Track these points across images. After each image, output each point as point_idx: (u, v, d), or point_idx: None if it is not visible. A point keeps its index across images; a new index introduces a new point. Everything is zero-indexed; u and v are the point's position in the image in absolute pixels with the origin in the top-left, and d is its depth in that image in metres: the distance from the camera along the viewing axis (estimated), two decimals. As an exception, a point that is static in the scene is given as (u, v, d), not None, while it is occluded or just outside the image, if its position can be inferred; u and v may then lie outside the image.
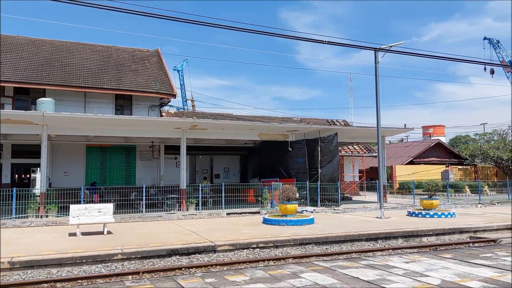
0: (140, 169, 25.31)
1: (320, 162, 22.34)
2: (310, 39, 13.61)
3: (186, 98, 47.21)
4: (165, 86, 24.78)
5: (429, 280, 7.01)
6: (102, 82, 23.52)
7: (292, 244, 11.38)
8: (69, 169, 23.54)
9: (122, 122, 19.29)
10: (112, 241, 11.00)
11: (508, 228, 14.29)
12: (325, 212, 19.71)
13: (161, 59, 27.89)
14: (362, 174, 34.25)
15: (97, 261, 9.33)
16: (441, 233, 13.23)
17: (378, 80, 17.83)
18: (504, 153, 36.83)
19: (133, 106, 24.71)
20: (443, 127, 63.12)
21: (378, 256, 9.62)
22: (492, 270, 7.63)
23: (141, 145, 25.06)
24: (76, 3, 10.91)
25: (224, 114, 30.45)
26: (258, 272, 7.78)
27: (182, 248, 10.23)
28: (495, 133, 40.88)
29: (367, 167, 37.69)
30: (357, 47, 15.26)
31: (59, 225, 15.18)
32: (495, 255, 9.16)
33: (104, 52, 26.99)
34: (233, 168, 29.93)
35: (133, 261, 9.57)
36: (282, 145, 24.01)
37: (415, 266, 8.07)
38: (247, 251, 10.77)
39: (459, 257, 8.92)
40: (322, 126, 24.23)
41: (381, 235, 12.48)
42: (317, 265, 8.36)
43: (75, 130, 19.09)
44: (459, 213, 18.01)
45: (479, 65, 31.15)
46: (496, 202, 25.32)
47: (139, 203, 19.29)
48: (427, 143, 46.60)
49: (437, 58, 15.99)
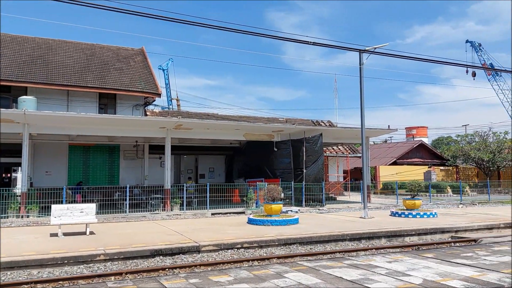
0: (124, 168, 25.03)
1: (305, 163, 22.44)
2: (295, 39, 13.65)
3: (171, 97, 46.98)
4: (150, 85, 24.58)
5: (411, 279, 7.10)
6: (85, 80, 23.20)
7: (276, 244, 11.40)
8: (51, 168, 23.16)
9: (105, 121, 19.07)
10: (95, 242, 10.86)
11: (488, 228, 14.57)
12: (310, 212, 19.80)
13: (146, 57, 27.64)
14: (347, 175, 34.53)
15: (79, 262, 9.20)
16: (423, 233, 13.42)
17: (363, 81, 17.98)
18: (485, 154, 37.54)
19: (117, 105, 24.44)
20: (426, 128, 64.03)
21: (361, 256, 9.71)
22: (473, 270, 7.76)
23: (125, 144, 24.80)
24: (60, 1, 10.73)
25: (209, 113, 30.34)
26: (243, 272, 7.76)
27: (166, 248, 10.15)
28: (476, 135, 41.63)
29: (351, 168, 38.01)
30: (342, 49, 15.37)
31: (40, 225, 14.93)
32: (476, 254, 9.32)
33: (88, 50, 26.63)
34: (218, 168, 29.84)
35: (116, 261, 9.46)
36: (268, 145, 24.04)
37: (398, 266, 8.16)
38: (232, 251, 10.74)
39: (440, 257, 9.05)
40: (307, 127, 24.34)
41: (364, 235, 12.59)
42: (301, 265, 8.39)
43: (57, 129, 18.80)
44: (441, 213, 18.29)
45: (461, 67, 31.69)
46: (477, 202, 25.78)
47: (123, 203, 19.09)
48: (410, 144, 47.23)
49: (421, 60, 16.25)
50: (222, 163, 29.92)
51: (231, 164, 28.92)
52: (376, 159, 44.46)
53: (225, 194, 21.00)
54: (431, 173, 38.16)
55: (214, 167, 29.78)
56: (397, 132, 49.11)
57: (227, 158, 29.55)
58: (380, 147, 52.81)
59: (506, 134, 39.96)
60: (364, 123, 18.30)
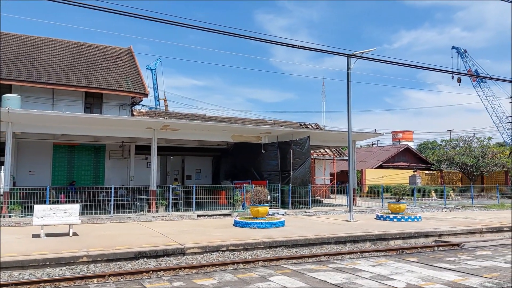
0: (109, 169, 24.77)
1: (292, 165, 22.49)
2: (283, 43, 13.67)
3: (158, 97, 46.66)
4: (137, 85, 24.39)
5: (395, 283, 7.15)
6: (71, 79, 22.92)
7: (262, 247, 11.38)
8: (34, 168, 22.80)
9: (91, 121, 18.85)
10: (78, 243, 10.71)
11: (471, 233, 14.77)
12: (296, 214, 19.83)
13: (133, 57, 27.43)
14: (333, 177, 34.71)
15: (61, 263, 9.05)
16: (408, 237, 13.54)
17: (350, 85, 18.11)
18: (469, 159, 38.10)
19: (104, 105, 24.20)
20: (411, 132, 64.81)
21: (346, 259, 9.75)
22: (455, 274, 7.84)
23: (110, 144, 24.55)
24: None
25: (197, 114, 30.23)
26: (227, 275, 7.73)
27: (150, 250, 10.06)
28: (460, 140, 42.24)
29: (338, 171, 38.23)
30: (330, 53, 15.45)
31: (22, 226, 14.68)
32: (458, 259, 9.43)
33: (74, 49, 26.32)
34: (205, 170, 29.73)
35: (99, 263, 9.34)
36: (255, 147, 24.03)
37: (382, 270, 8.21)
38: (217, 254, 10.69)
39: (424, 261, 9.13)
40: (295, 129, 24.41)
41: (349, 238, 12.65)
42: (286, 268, 8.39)
43: (41, 128, 18.53)
44: (425, 217, 18.48)
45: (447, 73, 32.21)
46: (461, 206, 26.14)
47: (108, 204, 18.87)
48: (396, 148, 47.69)
49: (407, 66, 16.42)
50: (209, 165, 29.82)
51: (218, 166, 28.83)
52: (363, 163, 44.79)
53: (211, 196, 20.93)
54: (416, 177, 38.57)
55: (201, 169, 29.66)
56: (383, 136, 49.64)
57: (214, 159, 29.46)
58: (367, 150, 53.25)
59: (490, 140, 40.66)
60: (350, 126, 18.42)
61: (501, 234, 15.33)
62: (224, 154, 28.02)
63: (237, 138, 23.02)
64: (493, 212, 22.87)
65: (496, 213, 22.12)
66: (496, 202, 29.31)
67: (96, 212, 17.92)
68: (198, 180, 28.56)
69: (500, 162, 38.92)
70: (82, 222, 13.61)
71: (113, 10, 10.43)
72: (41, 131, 18.86)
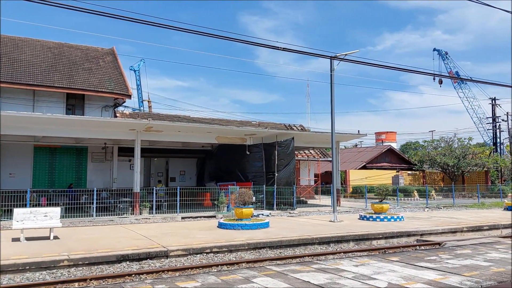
0: (91, 171, 24.44)
1: (277, 166, 22.53)
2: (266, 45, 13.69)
3: (142, 99, 46.28)
4: (120, 86, 24.13)
5: (376, 283, 7.22)
6: (52, 80, 22.55)
7: (246, 248, 11.37)
8: (15, 170, 22.34)
9: (72, 122, 18.57)
10: (59, 247, 10.54)
11: (452, 232, 15.03)
12: (281, 215, 19.88)
13: (116, 58, 27.13)
14: (317, 178, 34.90)
15: (42, 268, 8.90)
16: (390, 236, 13.70)
17: (333, 87, 18.26)
18: (450, 160, 38.75)
19: (86, 106, 23.87)
20: (394, 133, 65.63)
21: (329, 260, 9.81)
22: (436, 273, 7.96)
23: (93, 146, 24.22)
24: (29, 0, 10.38)
25: (181, 116, 30.07)
26: (211, 277, 7.70)
27: (132, 253, 9.96)
28: (442, 140, 42.93)
29: (322, 171, 38.46)
30: (313, 55, 15.51)
31: (2, 229, 14.35)
32: (439, 258, 9.57)
33: (55, 49, 25.91)
34: (189, 172, 29.58)
35: (80, 267, 9.21)
36: (240, 149, 24.00)
37: (364, 269, 8.29)
38: (201, 256, 10.65)
39: (405, 260, 9.25)
40: (279, 131, 24.47)
41: (333, 239, 12.74)
42: (270, 270, 8.39)
43: (22, 129, 18.15)
44: (408, 217, 18.73)
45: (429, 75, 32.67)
46: (442, 206, 26.56)
47: (90, 206, 18.62)
48: (379, 149, 48.24)
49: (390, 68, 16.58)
50: (194, 166, 29.67)
51: (202, 167, 28.71)
52: (346, 163, 45.16)
53: (196, 197, 20.83)
54: (399, 178, 39.07)
55: (185, 170, 29.49)
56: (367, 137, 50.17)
57: (198, 161, 29.33)
58: (350, 151, 53.71)
59: (470, 140, 41.44)
60: (334, 127, 18.55)
61: (481, 233, 15.64)
62: (208, 156, 27.91)
63: (221, 139, 22.96)
64: (473, 211, 23.31)
65: (476, 212, 22.55)
66: (476, 202, 29.86)
67: (78, 215, 17.65)
68: (183, 182, 28.40)
69: (481, 162, 39.70)
70: (63, 225, 13.41)
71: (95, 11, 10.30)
72: (21, 133, 18.48)
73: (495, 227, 16.33)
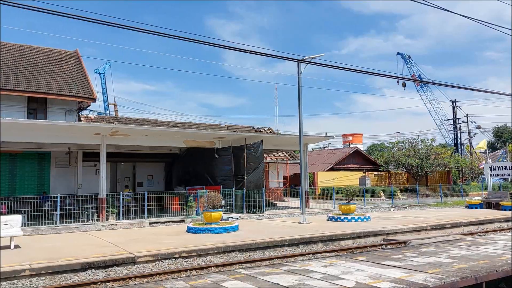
0: (55, 177, 23.65)
1: (246, 169, 22.54)
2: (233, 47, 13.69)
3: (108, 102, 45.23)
4: (84, 90, 23.50)
5: (344, 282, 7.32)
6: (12, 83, 21.69)
7: (215, 252, 11.30)
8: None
9: (34, 127, 17.95)
10: (20, 256, 10.12)
11: (417, 230, 15.46)
12: (251, 218, 19.88)
13: (80, 61, 26.44)
14: (287, 181, 35.16)
15: (1, 278, 8.52)
16: (358, 237, 13.95)
17: (301, 90, 18.46)
18: (414, 160, 39.94)
19: (48, 110, 23.10)
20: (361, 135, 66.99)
21: (298, 261, 9.88)
22: (401, 271, 8.16)
23: (56, 151, 23.46)
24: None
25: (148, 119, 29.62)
26: (179, 283, 7.59)
27: (98, 261, 9.69)
28: (406, 142, 44.16)
29: (291, 174, 38.78)
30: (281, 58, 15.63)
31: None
32: (404, 256, 9.81)
33: (15, 52, 24.97)
34: (157, 176, 29.13)
35: (43, 277, 8.88)
36: (209, 152, 23.86)
37: (332, 270, 8.39)
38: (169, 261, 10.49)
39: (372, 259, 9.42)
40: (248, 134, 24.51)
41: (302, 240, 12.85)
42: (239, 273, 8.37)
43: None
44: (374, 217, 19.13)
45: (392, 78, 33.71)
46: (407, 205, 27.32)
47: (54, 213, 18.00)
48: (347, 151, 49.13)
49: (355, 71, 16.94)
50: (162, 171, 29.25)
51: (170, 172, 28.35)
52: (315, 165, 45.73)
53: (164, 202, 20.51)
54: (366, 179, 39.91)
55: (153, 175, 29.03)
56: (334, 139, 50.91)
57: (166, 165, 28.94)
58: (319, 153, 54.42)
59: (433, 141, 42.88)
60: (302, 130, 18.74)
61: (444, 231, 16.17)
62: (177, 160, 27.60)
63: (190, 143, 22.76)
64: (437, 210, 24.08)
65: (439, 211, 23.31)
66: (439, 201, 30.90)
67: (41, 223, 17.04)
68: (150, 186, 27.93)
69: (443, 162, 41.12)
70: (25, 233, 12.92)
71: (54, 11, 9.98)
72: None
73: (457, 225, 16.93)
